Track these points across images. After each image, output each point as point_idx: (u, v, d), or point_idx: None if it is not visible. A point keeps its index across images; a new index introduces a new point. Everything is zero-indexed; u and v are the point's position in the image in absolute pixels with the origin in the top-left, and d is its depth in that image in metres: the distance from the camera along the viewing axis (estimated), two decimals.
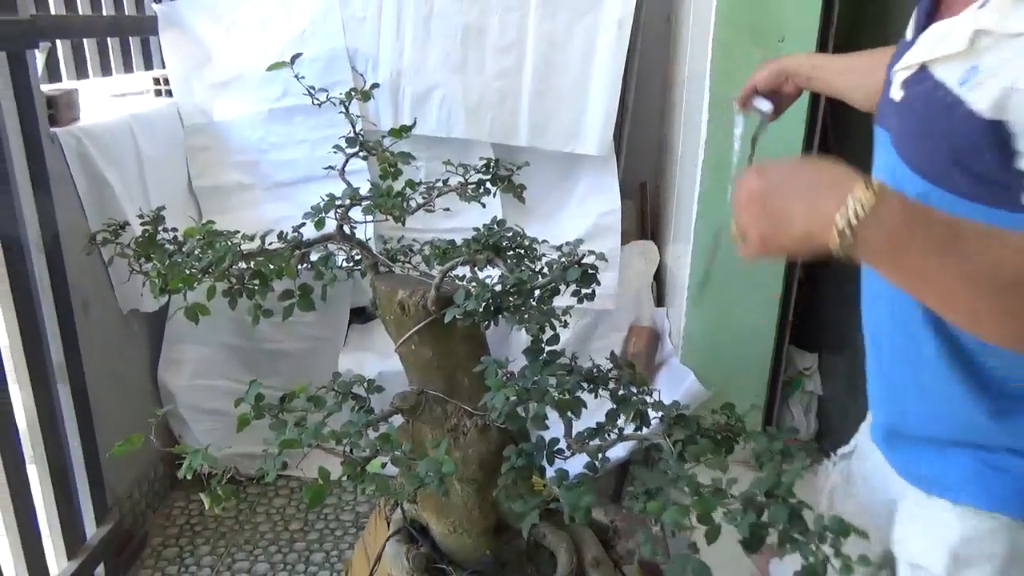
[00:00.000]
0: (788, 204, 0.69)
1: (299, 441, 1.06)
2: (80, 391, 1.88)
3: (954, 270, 0.64)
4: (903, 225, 0.65)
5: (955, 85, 0.76)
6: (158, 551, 2.20)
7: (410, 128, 1.51)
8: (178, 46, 2.56)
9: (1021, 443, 0.88)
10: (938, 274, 0.65)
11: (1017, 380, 0.85)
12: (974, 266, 0.63)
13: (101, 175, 2.01)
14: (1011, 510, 0.89)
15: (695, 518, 1.01)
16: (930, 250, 0.64)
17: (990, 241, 0.65)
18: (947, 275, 0.64)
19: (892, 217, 0.64)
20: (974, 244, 0.64)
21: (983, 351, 0.86)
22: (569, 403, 1.18)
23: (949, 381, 0.89)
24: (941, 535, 0.94)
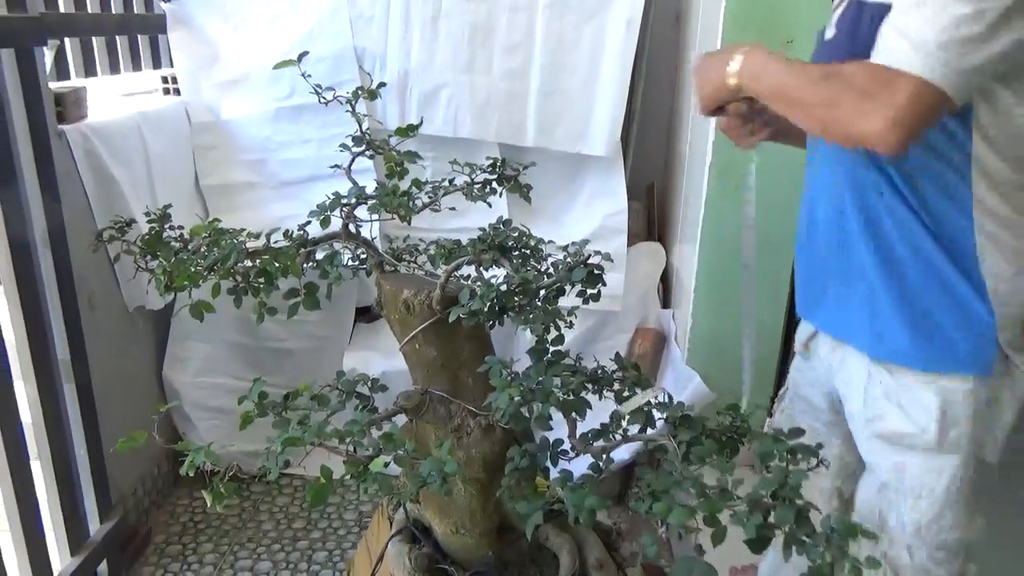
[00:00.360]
0: (709, 72, 1.13)
1: (302, 439, 1.05)
2: (85, 388, 1.89)
3: (780, 83, 1.04)
4: (759, 64, 1.07)
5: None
6: (161, 548, 2.20)
7: (417, 127, 1.50)
8: (186, 45, 2.57)
9: (961, 305, 1.07)
10: (774, 88, 1.05)
11: (948, 243, 1.06)
12: (790, 80, 1.03)
13: (108, 173, 2.02)
14: (970, 369, 1.08)
15: (701, 519, 1.00)
16: (771, 74, 1.05)
17: (803, 68, 1.03)
18: (778, 87, 1.04)
19: (753, 61, 1.07)
20: (791, 71, 1.03)
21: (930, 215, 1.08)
22: (573, 404, 1.18)
23: (906, 255, 1.10)
24: (921, 404, 1.10)
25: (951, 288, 1.07)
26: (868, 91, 0.94)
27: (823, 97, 0.97)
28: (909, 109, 0.91)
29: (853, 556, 0.91)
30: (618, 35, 2.38)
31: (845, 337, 1.23)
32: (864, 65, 0.97)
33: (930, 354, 1.10)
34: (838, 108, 0.96)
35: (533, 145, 2.46)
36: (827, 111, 0.98)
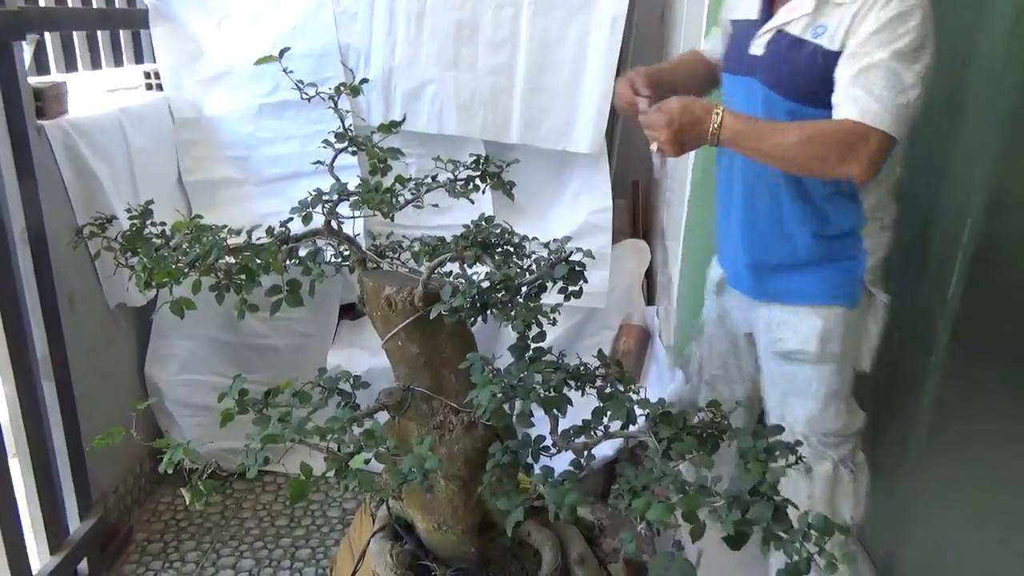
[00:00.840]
0: (688, 129, 1.31)
1: (281, 436, 1.05)
2: (64, 385, 1.87)
3: (763, 147, 1.30)
4: (736, 130, 1.30)
5: (811, 37, 1.33)
6: (143, 546, 2.19)
7: (399, 124, 1.50)
8: (169, 40, 2.54)
9: (839, 257, 1.45)
10: (758, 149, 1.31)
11: (834, 215, 1.43)
12: (772, 142, 1.29)
13: (89, 168, 2.00)
14: (842, 302, 1.45)
15: (680, 515, 1.01)
16: (751, 138, 1.30)
17: (781, 129, 1.30)
18: (761, 149, 1.30)
19: (730, 126, 1.30)
20: (773, 133, 1.30)
21: (820, 196, 1.43)
22: (554, 400, 1.18)
23: (801, 223, 1.45)
24: (809, 327, 1.46)
25: (842, 247, 1.45)
26: (850, 143, 1.24)
27: (810, 155, 1.27)
28: (879, 154, 1.25)
29: (829, 553, 0.92)
30: (603, 32, 2.38)
31: (760, 296, 1.56)
32: (841, 123, 1.26)
33: (820, 294, 1.47)
34: (826, 161, 1.27)
35: (518, 142, 2.46)
36: (814, 163, 1.28)
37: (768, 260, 1.52)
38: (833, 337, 1.45)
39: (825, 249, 1.46)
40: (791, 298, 1.49)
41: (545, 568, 1.46)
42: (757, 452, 1.12)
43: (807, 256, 1.47)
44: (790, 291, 1.50)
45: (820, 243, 1.45)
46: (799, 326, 1.47)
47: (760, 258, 1.54)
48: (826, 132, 1.26)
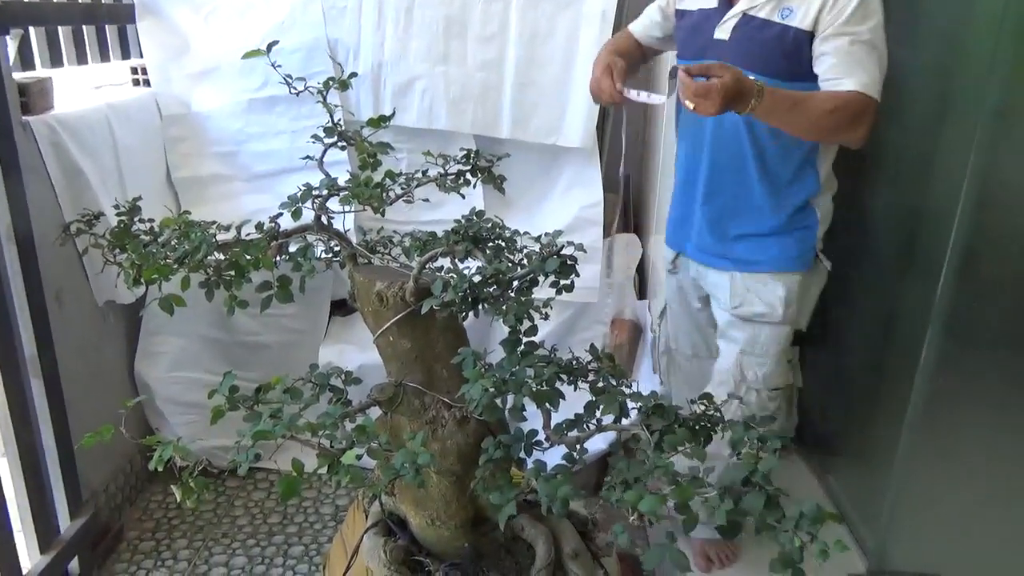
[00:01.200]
0: (735, 100, 1.33)
1: (272, 433, 1.04)
2: (53, 383, 1.85)
3: (794, 117, 1.42)
4: (772, 103, 1.37)
5: (779, 18, 1.47)
6: (134, 545, 2.18)
7: (388, 118, 1.49)
8: (156, 35, 2.52)
9: (798, 226, 1.62)
10: (789, 120, 1.43)
11: (796, 186, 1.61)
12: (801, 113, 1.42)
13: (76, 165, 1.98)
14: (800, 268, 1.63)
15: (672, 507, 1.01)
16: (784, 110, 1.40)
17: (807, 101, 1.42)
18: (792, 120, 1.42)
19: (768, 100, 1.35)
20: (800, 104, 1.41)
21: (785, 169, 1.60)
22: (546, 394, 1.18)
23: (767, 194, 1.60)
24: (774, 292, 1.62)
25: (801, 217, 1.63)
26: (859, 112, 1.42)
27: (833, 125, 1.43)
28: (873, 121, 1.46)
29: (821, 541, 0.92)
30: (593, 26, 2.37)
31: (724, 266, 1.70)
32: (850, 95, 1.41)
33: (783, 261, 1.63)
34: (842, 128, 1.45)
35: (508, 137, 2.46)
36: (831, 132, 1.48)
37: (734, 231, 1.65)
38: (793, 300, 1.62)
39: (787, 219, 1.62)
40: (756, 267, 1.64)
41: (538, 563, 1.46)
42: (749, 443, 1.13)
43: (771, 226, 1.62)
44: (755, 260, 1.64)
45: (783, 214, 1.62)
46: (763, 291, 1.62)
47: (726, 230, 1.66)
48: (846, 103, 1.41)
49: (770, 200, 1.61)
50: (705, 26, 1.58)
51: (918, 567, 1.75)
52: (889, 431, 1.79)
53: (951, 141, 1.63)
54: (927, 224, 1.71)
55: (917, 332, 1.63)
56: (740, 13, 1.52)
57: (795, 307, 1.63)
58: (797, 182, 1.61)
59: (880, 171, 2.00)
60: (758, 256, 1.64)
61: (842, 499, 2.12)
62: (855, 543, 1.94)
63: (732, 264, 1.67)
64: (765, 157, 1.59)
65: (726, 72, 1.33)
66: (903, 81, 1.91)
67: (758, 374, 1.66)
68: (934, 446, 1.66)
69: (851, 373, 2.14)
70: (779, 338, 1.65)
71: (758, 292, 1.63)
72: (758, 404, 1.67)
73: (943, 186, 1.64)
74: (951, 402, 1.61)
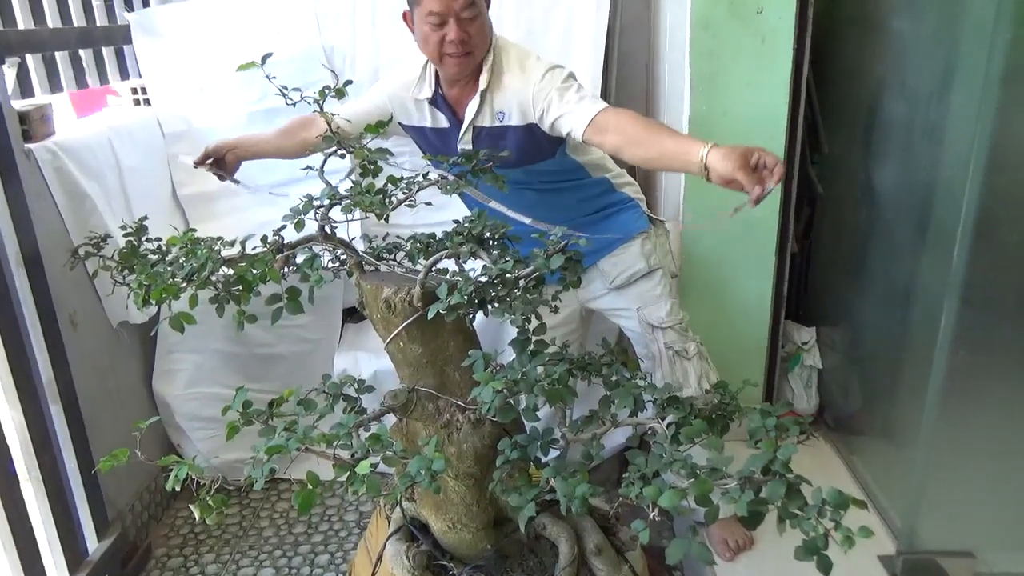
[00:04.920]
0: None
1: (286, 446, 1.04)
2: (72, 407, 1.87)
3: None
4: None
5: (499, 123, 1.67)
6: (163, 562, 2.19)
7: (386, 124, 1.49)
8: (153, 54, 2.53)
9: (622, 210, 1.86)
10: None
11: (605, 193, 1.86)
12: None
13: (80, 189, 1.99)
14: (640, 229, 1.85)
15: (692, 500, 0.99)
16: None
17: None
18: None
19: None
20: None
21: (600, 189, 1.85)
22: (558, 392, 1.17)
23: (582, 213, 1.82)
24: (632, 254, 1.84)
25: (620, 208, 1.86)
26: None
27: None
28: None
29: (845, 528, 0.91)
30: (588, 19, 2.35)
31: (589, 263, 1.87)
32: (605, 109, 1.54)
33: (625, 232, 1.84)
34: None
35: None
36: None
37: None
38: (650, 252, 1.85)
39: (614, 209, 1.87)
40: (609, 249, 1.86)
41: (562, 560, 1.45)
42: (767, 430, 1.12)
43: (606, 220, 1.86)
44: (607, 246, 1.85)
45: (610, 208, 1.87)
46: (625, 256, 1.85)
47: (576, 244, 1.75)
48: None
49: (587, 206, 1.84)
50: (447, 141, 1.74)
51: (949, 546, 1.73)
52: (912, 409, 1.76)
53: (958, 110, 1.61)
54: (938, 195, 1.68)
55: (934, 305, 1.60)
56: (470, 127, 1.69)
57: (655, 255, 1.86)
58: (605, 192, 1.85)
59: (887, 145, 1.97)
60: (607, 243, 1.86)
61: (868, 480, 2.10)
62: (883, 524, 1.91)
63: (591, 258, 1.84)
64: (582, 184, 1.82)
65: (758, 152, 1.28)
66: (906, 53, 1.89)
67: (660, 316, 1.85)
68: (958, 421, 1.63)
69: (870, 352, 2.12)
70: (659, 282, 1.86)
71: (622, 260, 1.85)
72: (679, 339, 1.85)
73: (952, 156, 1.61)
74: (973, 374, 1.58)
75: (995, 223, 1.48)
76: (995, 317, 1.55)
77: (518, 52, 1.67)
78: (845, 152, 2.22)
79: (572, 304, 1.98)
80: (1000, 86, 1.40)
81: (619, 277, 1.86)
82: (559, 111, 1.56)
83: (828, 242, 2.40)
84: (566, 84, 1.58)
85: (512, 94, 1.64)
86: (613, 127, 1.49)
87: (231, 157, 1.84)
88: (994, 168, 1.43)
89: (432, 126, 1.77)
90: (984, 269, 1.50)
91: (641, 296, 1.87)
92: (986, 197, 1.45)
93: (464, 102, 1.70)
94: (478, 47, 1.62)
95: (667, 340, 1.86)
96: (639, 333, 1.91)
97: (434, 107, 1.74)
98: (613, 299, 1.91)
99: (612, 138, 1.49)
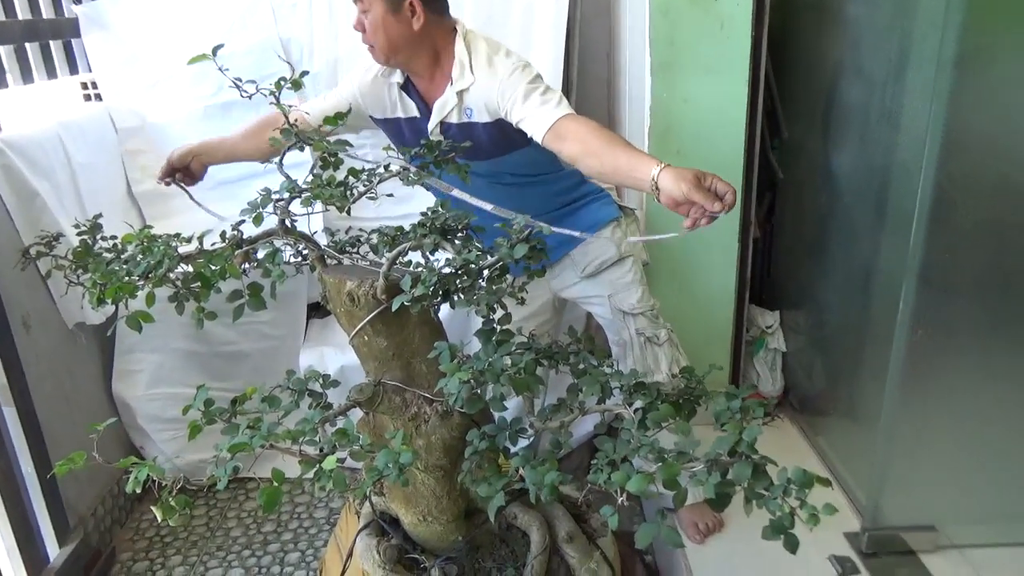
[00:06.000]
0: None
1: (249, 444, 1.02)
2: (27, 412, 1.81)
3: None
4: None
5: (465, 119, 1.66)
6: (128, 566, 2.15)
7: (345, 116, 1.46)
8: (104, 48, 2.46)
9: (593, 200, 1.87)
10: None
11: (574, 186, 1.87)
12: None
13: (30, 187, 1.93)
14: (610, 217, 1.86)
15: (660, 484, 1.00)
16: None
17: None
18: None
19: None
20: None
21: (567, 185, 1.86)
22: (525, 381, 1.16)
23: (549, 207, 1.81)
24: (603, 242, 1.84)
25: (590, 199, 1.87)
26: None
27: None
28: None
29: (811, 506, 0.92)
30: (548, 7, 2.35)
31: (560, 256, 1.89)
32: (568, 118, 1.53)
33: (595, 222, 1.84)
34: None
35: None
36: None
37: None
38: (620, 239, 1.86)
39: (584, 201, 1.87)
40: (580, 238, 1.84)
41: (534, 549, 1.46)
42: (732, 413, 1.13)
43: (576, 212, 1.86)
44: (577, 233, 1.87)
45: (580, 201, 1.87)
46: (596, 245, 1.86)
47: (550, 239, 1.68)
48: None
49: (557, 200, 1.84)
50: (415, 132, 1.72)
51: (912, 521, 1.77)
52: (873, 387, 1.80)
53: (912, 94, 1.63)
54: (895, 178, 1.71)
55: (893, 286, 1.63)
56: (438, 123, 1.68)
57: (625, 245, 1.87)
58: (574, 186, 1.86)
59: (845, 130, 2.00)
60: (577, 228, 1.82)
61: (833, 459, 2.14)
62: (849, 502, 1.95)
63: (563, 248, 1.85)
64: (524, 195, 1.79)
65: (714, 179, 1.28)
66: (862, 39, 1.92)
67: (632, 302, 1.86)
68: (918, 399, 1.67)
69: (833, 333, 2.16)
70: (630, 269, 1.87)
71: (594, 249, 1.86)
72: (651, 325, 1.86)
73: (907, 139, 1.64)
74: (932, 353, 1.62)
75: (951, 205, 1.51)
76: (952, 297, 1.58)
77: (487, 47, 1.65)
78: (804, 137, 2.25)
79: (545, 295, 1.99)
80: (953, 69, 1.42)
81: (590, 265, 1.87)
82: (521, 114, 1.55)
83: (789, 227, 2.43)
84: (533, 85, 1.56)
85: (479, 91, 1.62)
86: (572, 135, 1.48)
87: (196, 164, 1.80)
88: (948, 151, 1.46)
89: (405, 116, 1.75)
90: (941, 250, 1.53)
91: (612, 283, 1.87)
92: (941, 179, 1.48)
93: (432, 94, 1.69)
94: (379, 45, 1.61)
95: (638, 326, 1.87)
96: (610, 320, 1.91)
97: (404, 92, 1.72)
98: (584, 287, 1.91)
99: (570, 146, 1.48)
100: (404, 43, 1.62)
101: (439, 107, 1.67)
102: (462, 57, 1.63)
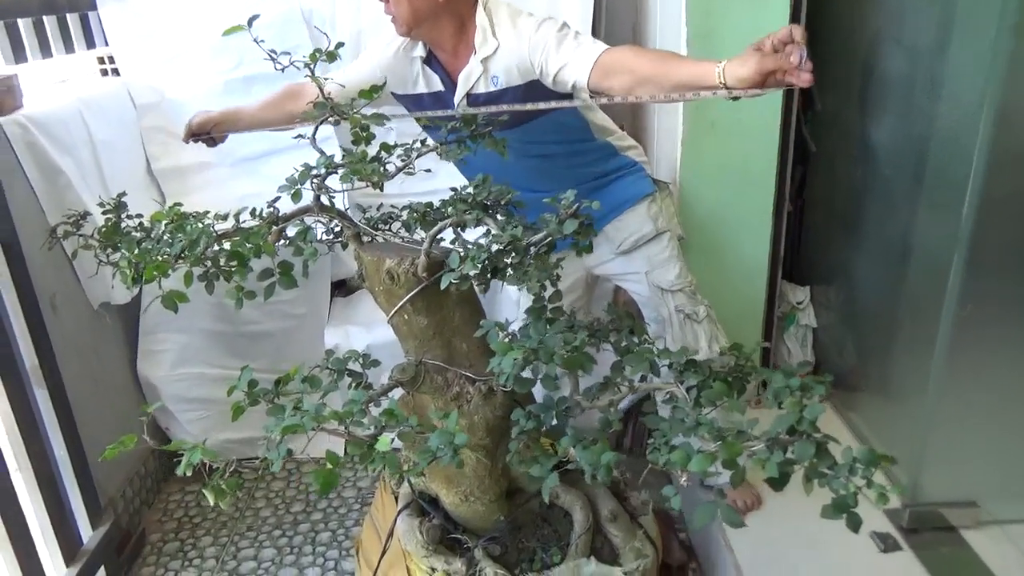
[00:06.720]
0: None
1: (302, 426, 1.00)
2: (59, 392, 1.80)
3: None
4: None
5: (493, 87, 1.61)
6: (159, 547, 2.15)
7: (380, 88, 1.42)
8: (120, 21, 2.41)
9: (627, 173, 1.84)
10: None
11: (604, 158, 1.83)
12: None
13: (54, 164, 1.89)
14: (645, 191, 1.83)
15: (719, 463, 0.98)
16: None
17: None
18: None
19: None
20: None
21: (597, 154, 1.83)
22: (578, 359, 1.14)
23: (578, 177, 1.74)
24: (639, 217, 1.82)
25: (623, 172, 1.84)
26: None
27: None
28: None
29: (879, 485, 0.90)
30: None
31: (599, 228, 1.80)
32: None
33: (631, 197, 1.82)
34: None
35: None
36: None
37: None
38: (656, 214, 1.83)
39: (617, 175, 1.84)
40: (616, 213, 1.82)
41: (578, 528, 1.44)
42: (791, 391, 1.10)
43: (609, 186, 1.82)
44: (611, 209, 1.81)
45: (613, 174, 1.83)
46: (631, 221, 1.82)
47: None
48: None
49: (589, 172, 1.80)
50: (447, 105, 1.67)
51: (953, 497, 1.75)
52: (916, 364, 1.76)
53: (962, 63, 1.58)
54: (942, 150, 1.66)
55: (939, 261, 1.59)
56: (464, 96, 1.64)
57: (662, 217, 1.84)
58: (604, 157, 1.82)
59: (884, 100, 1.95)
60: (614, 207, 1.82)
61: (867, 435, 2.11)
62: (886, 478, 1.93)
63: (597, 224, 1.73)
64: (553, 165, 1.75)
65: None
66: (905, 5, 1.85)
67: (670, 279, 1.83)
68: (964, 375, 1.64)
69: (867, 308, 2.12)
70: (667, 245, 1.84)
71: (629, 224, 1.82)
72: (690, 302, 1.84)
73: (957, 110, 1.59)
74: (979, 328, 1.58)
75: (1006, 178, 1.46)
76: (1002, 272, 1.54)
77: (508, 11, 1.60)
78: (839, 109, 2.20)
79: (578, 271, 1.95)
80: (1012, 36, 1.37)
81: (626, 242, 1.83)
82: (559, 62, 1.48)
83: (821, 201, 2.39)
84: (562, 33, 1.50)
85: (505, 54, 1.57)
86: (619, 67, 1.39)
87: (216, 133, 1.80)
88: (1006, 122, 1.41)
89: (429, 91, 1.70)
90: (994, 223, 1.49)
91: (649, 260, 1.84)
92: (997, 152, 1.43)
93: (456, 67, 1.64)
94: (401, 16, 1.57)
95: (677, 303, 1.83)
96: (647, 297, 1.88)
97: (427, 67, 1.68)
98: (621, 264, 1.88)
99: (620, 79, 1.38)
100: (428, 13, 1.57)
101: (464, 79, 1.63)
102: (483, 24, 1.58)
